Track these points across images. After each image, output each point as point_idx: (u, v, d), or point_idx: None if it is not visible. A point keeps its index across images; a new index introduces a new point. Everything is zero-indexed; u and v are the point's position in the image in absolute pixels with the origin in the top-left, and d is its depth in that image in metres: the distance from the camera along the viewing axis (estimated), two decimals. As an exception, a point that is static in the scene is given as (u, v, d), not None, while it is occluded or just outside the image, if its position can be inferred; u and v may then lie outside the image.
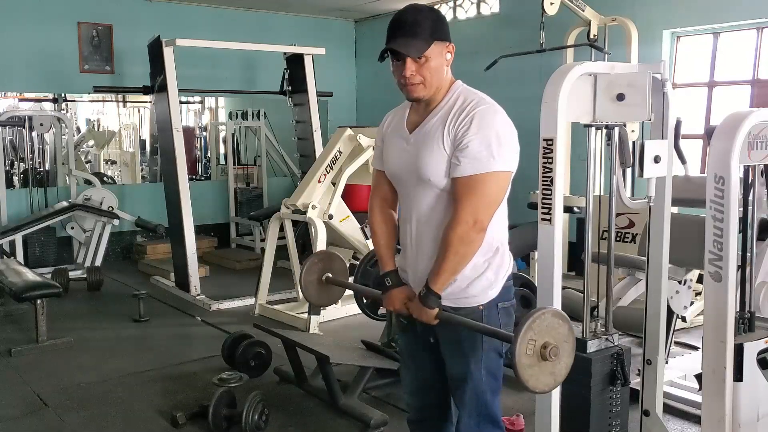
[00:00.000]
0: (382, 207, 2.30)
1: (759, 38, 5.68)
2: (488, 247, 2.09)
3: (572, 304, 3.56)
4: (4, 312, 5.55)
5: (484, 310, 2.11)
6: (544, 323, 1.83)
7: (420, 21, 2.03)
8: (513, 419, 3.21)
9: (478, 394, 2.15)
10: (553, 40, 5.60)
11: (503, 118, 2.04)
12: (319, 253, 2.73)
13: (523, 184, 2.90)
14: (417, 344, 2.27)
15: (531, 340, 1.81)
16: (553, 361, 1.83)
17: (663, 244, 2.55)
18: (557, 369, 1.86)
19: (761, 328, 2.58)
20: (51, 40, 7.32)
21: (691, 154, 5.46)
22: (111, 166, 10.36)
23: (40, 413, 3.65)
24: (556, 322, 1.86)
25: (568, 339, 1.88)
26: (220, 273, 7.09)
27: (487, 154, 1.98)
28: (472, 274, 2.09)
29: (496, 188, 2.02)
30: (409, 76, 2.03)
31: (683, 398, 3.52)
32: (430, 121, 2.09)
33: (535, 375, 1.82)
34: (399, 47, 2.01)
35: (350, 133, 5.30)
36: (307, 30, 8.68)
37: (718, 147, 2.34)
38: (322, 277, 2.59)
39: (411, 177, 2.13)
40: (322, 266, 2.61)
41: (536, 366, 1.82)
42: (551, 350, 1.82)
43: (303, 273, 2.57)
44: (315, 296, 2.63)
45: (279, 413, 3.55)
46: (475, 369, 2.12)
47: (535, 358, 1.82)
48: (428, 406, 2.35)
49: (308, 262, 2.61)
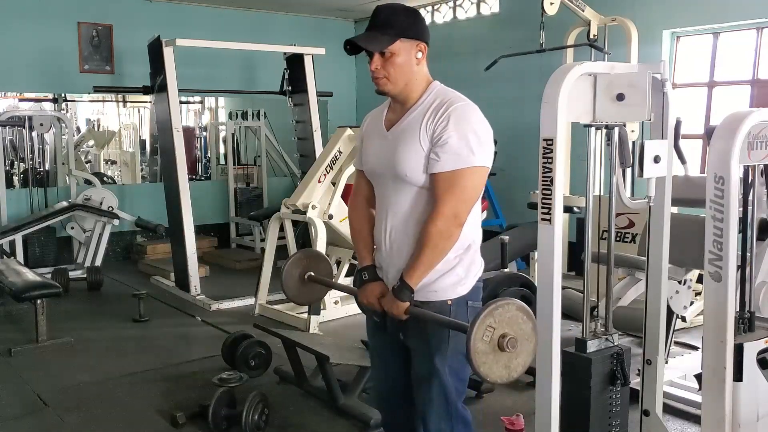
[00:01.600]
0: (363, 205, 2.34)
1: (759, 38, 5.68)
2: (460, 244, 2.12)
3: (572, 304, 3.57)
4: (4, 312, 5.55)
5: (453, 305, 2.13)
6: (507, 314, 1.83)
7: (390, 19, 2.09)
8: (513, 419, 3.20)
9: (445, 393, 2.16)
10: (553, 40, 5.61)
11: (480, 116, 2.09)
12: (305, 251, 2.74)
13: (523, 184, 2.91)
14: (387, 346, 2.29)
15: (490, 327, 1.80)
16: (509, 353, 1.82)
17: (663, 244, 2.54)
18: (513, 363, 1.85)
19: (761, 328, 2.58)
20: (51, 40, 7.31)
21: (691, 154, 5.47)
22: (111, 166, 10.37)
23: (40, 413, 3.65)
24: (520, 317, 1.86)
25: (530, 338, 1.88)
26: (220, 273, 7.09)
27: (467, 150, 2.02)
28: (442, 268, 2.11)
29: (476, 183, 2.07)
30: (373, 70, 2.10)
31: (683, 398, 3.52)
32: (407, 119, 2.13)
33: (488, 363, 1.82)
34: (359, 41, 2.08)
35: (350, 133, 5.30)
36: (306, 30, 8.68)
37: (718, 147, 2.34)
38: (305, 275, 2.58)
39: (388, 173, 2.16)
40: (307, 263, 2.60)
41: (491, 354, 1.82)
42: (509, 341, 1.81)
43: (287, 265, 2.57)
44: (294, 292, 2.61)
45: (279, 413, 3.55)
46: (440, 366, 2.14)
47: (491, 347, 1.82)
48: (398, 407, 2.35)
49: (293, 257, 2.61)
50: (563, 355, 2.30)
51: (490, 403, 3.55)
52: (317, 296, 2.74)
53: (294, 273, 2.58)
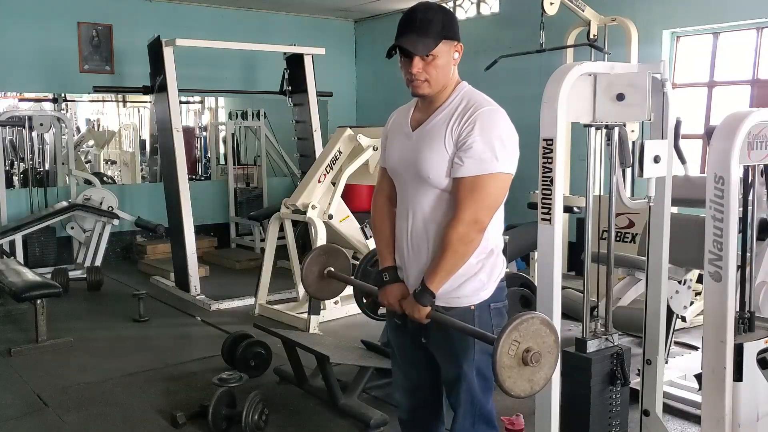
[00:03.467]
0: (385, 204, 2.31)
1: (759, 38, 5.68)
2: (482, 249, 2.10)
3: (572, 304, 3.57)
4: (4, 312, 5.55)
5: (476, 310, 2.11)
6: (531, 327, 1.82)
7: (430, 18, 2.04)
8: (513, 419, 3.20)
9: (472, 395, 2.15)
10: (553, 40, 5.61)
11: (506, 120, 2.06)
12: (325, 247, 2.72)
13: (523, 184, 2.90)
14: (409, 343, 2.27)
15: (515, 342, 1.79)
16: (533, 367, 1.81)
17: (663, 244, 2.55)
18: (536, 377, 1.84)
19: (761, 328, 2.58)
20: (51, 40, 7.31)
21: (691, 154, 5.47)
22: (111, 166, 10.37)
23: (40, 413, 3.65)
24: (543, 330, 1.84)
25: (552, 351, 1.86)
26: (219, 273, 7.09)
27: (490, 156, 1.99)
28: (465, 273, 2.10)
29: (498, 190, 2.04)
30: (415, 73, 2.04)
31: (683, 398, 3.52)
32: (434, 120, 2.10)
33: (513, 377, 1.81)
34: (407, 45, 2.02)
35: (350, 133, 5.30)
36: (307, 30, 8.68)
37: (718, 147, 2.34)
38: (324, 270, 2.59)
39: (410, 173, 2.14)
40: (326, 260, 2.61)
41: (516, 368, 1.81)
42: (533, 356, 1.80)
43: (306, 263, 2.57)
44: (314, 288, 2.63)
45: (279, 413, 3.55)
46: (467, 370, 2.13)
47: (516, 361, 1.80)
48: (419, 405, 2.35)
49: (313, 253, 2.62)
50: (563, 355, 2.30)
51: (490, 403, 3.55)
52: (337, 291, 2.73)
53: (314, 269, 2.58)
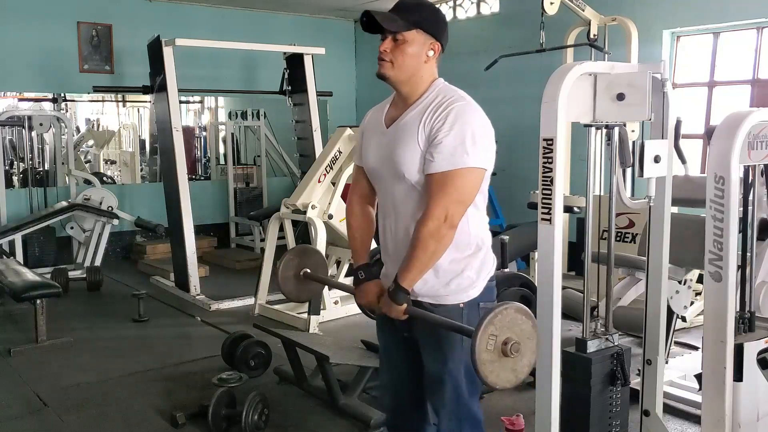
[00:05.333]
0: (359, 202, 2.31)
1: (759, 38, 5.68)
2: (466, 246, 2.10)
3: (572, 304, 3.57)
4: (4, 312, 5.55)
5: (465, 308, 2.10)
6: (506, 318, 1.81)
7: (413, 6, 2.07)
8: (513, 419, 3.20)
9: (458, 395, 2.13)
10: (553, 39, 5.61)
11: (480, 115, 2.05)
12: (295, 249, 2.69)
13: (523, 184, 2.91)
14: (394, 342, 2.27)
15: (492, 336, 1.78)
16: (514, 358, 1.81)
17: (663, 244, 2.54)
18: (519, 366, 1.84)
19: (761, 328, 2.58)
20: (51, 40, 7.31)
21: (691, 154, 5.45)
22: (111, 166, 10.38)
23: (40, 413, 3.65)
24: (519, 318, 1.84)
25: (531, 336, 1.86)
26: (219, 273, 7.09)
27: (461, 151, 1.98)
28: (453, 269, 2.09)
29: (469, 185, 2.02)
30: (381, 51, 2.07)
31: (683, 398, 3.52)
32: (407, 116, 2.10)
33: (495, 371, 1.80)
34: (377, 16, 2.03)
35: (350, 133, 5.30)
36: (306, 30, 8.68)
37: (718, 147, 2.34)
38: (300, 272, 2.56)
39: (388, 172, 2.13)
40: (299, 261, 2.58)
41: (497, 362, 1.80)
42: (512, 346, 1.79)
43: (280, 270, 2.55)
44: (294, 293, 2.60)
45: (279, 413, 3.55)
46: (454, 368, 2.11)
47: (496, 354, 1.80)
48: (405, 407, 2.33)
49: (284, 258, 2.58)
50: (563, 355, 2.30)
51: (490, 403, 3.55)
52: (317, 290, 2.72)
53: (288, 274, 2.56)
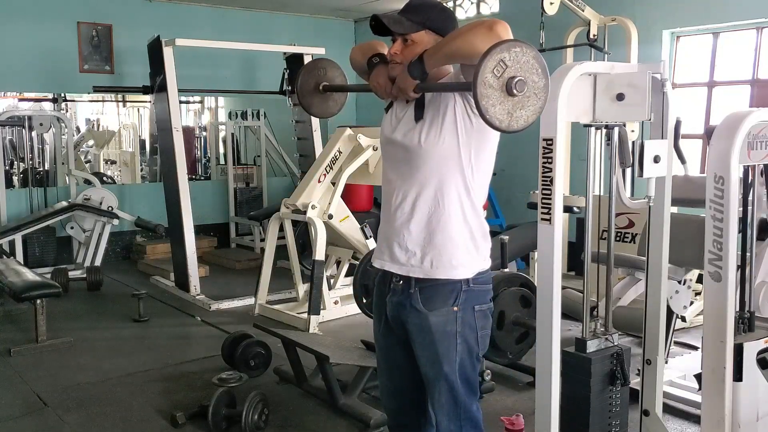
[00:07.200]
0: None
1: (759, 38, 5.68)
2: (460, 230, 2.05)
3: (572, 304, 3.57)
4: (4, 312, 5.55)
5: (459, 311, 2.07)
6: (522, 57, 1.71)
7: (422, 8, 2.05)
8: (513, 419, 3.20)
9: (455, 397, 2.11)
10: (553, 40, 5.61)
11: None
12: (320, 60, 2.55)
13: (523, 184, 2.90)
14: (391, 344, 2.24)
15: (502, 63, 1.68)
16: (515, 98, 1.71)
17: (663, 244, 2.55)
18: (517, 113, 1.73)
19: (761, 328, 2.58)
20: (50, 40, 7.31)
21: (691, 154, 5.46)
22: (111, 166, 10.39)
23: (40, 413, 3.65)
24: (536, 68, 1.74)
25: (539, 95, 1.76)
26: (219, 273, 7.09)
27: None
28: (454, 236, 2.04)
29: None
30: (392, 54, 2.06)
31: (683, 398, 3.52)
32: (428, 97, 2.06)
33: (491, 99, 1.69)
34: (385, 19, 2.02)
35: (350, 133, 5.30)
36: (306, 30, 8.68)
37: (718, 147, 2.35)
38: (320, 85, 2.47)
39: (401, 143, 2.09)
40: (321, 73, 2.48)
41: (497, 93, 1.70)
42: (518, 83, 1.70)
43: (301, 75, 2.44)
44: (309, 101, 2.48)
45: (279, 413, 3.55)
46: (449, 371, 2.09)
47: (499, 85, 1.70)
48: (405, 408, 2.32)
49: (308, 64, 2.50)
50: (563, 355, 2.30)
51: (490, 403, 3.55)
52: (332, 110, 2.58)
53: (309, 82, 2.46)
